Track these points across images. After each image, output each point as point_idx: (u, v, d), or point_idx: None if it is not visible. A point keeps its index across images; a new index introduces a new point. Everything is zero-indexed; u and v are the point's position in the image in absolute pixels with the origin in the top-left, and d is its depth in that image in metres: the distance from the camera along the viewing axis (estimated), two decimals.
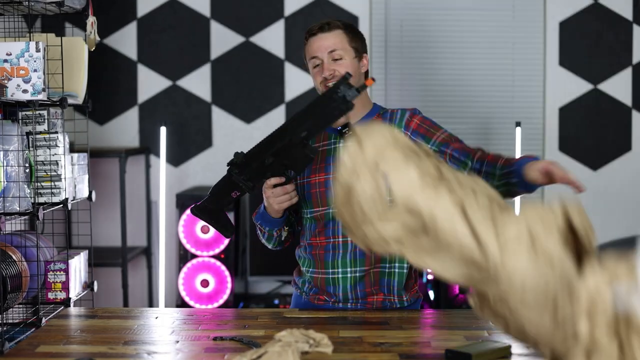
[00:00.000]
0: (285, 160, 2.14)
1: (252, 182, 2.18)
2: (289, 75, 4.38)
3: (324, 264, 2.30)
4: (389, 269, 2.29)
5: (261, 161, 2.15)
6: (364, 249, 1.69)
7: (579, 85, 4.38)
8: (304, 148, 2.12)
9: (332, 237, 2.28)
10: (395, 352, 1.82)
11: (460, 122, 4.42)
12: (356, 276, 2.27)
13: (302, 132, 2.10)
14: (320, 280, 2.31)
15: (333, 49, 2.29)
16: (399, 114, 2.33)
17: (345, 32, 2.32)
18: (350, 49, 2.31)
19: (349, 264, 2.27)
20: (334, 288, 2.29)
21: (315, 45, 2.31)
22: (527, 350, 1.85)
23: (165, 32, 4.38)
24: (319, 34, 2.31)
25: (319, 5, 4.36)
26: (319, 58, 2.30)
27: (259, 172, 2.17)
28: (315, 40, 2.31)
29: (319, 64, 2.31)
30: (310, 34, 2.33)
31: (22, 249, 2.84)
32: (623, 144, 4.39)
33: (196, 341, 1.93)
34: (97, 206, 4.22)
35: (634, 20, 4.34)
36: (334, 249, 2.28)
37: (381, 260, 2.27)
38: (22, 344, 1.93)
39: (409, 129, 2.29)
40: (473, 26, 4.39)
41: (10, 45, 2.66)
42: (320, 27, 2.32)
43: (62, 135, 2.87)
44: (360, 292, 2.28)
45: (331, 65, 2.29)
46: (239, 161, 2.17)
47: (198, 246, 3.97)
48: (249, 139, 4.40)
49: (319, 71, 2.31)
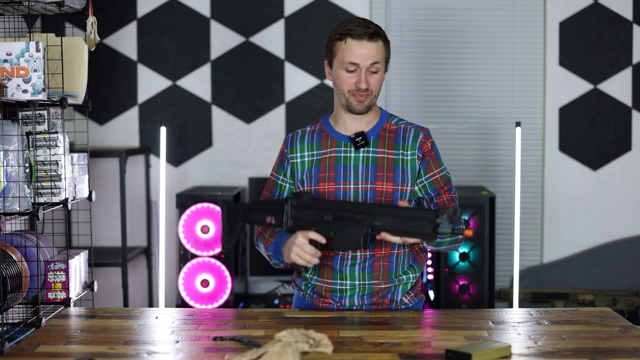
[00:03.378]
0: (337, 230, 2.10)
1: (293, 223, 2.14)
2: (289, 75, 4.38)
3: (331, 274, 2.28)
4: (398, 282, 2.28)
5: (320, 214, 2.11)
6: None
7: (579, 85, 4.37)
8: (361, 235, 2.07)
9: (341, 251, 2.24)
10: (395, 352, 1.82)
11: (460, 122, 4.42)
12: (364, 288, 2.27)
13: (375, 222, 2.05)
14: (326, 289, 2.30)
15: (375, 61, 2.22)
16: (412, 132, 2.29)
17: (384, 44, 2.26)
18: (384, 60, 2.27)
19: (358, 277, 2.26)
20: (340, 297, 2.29)
21: (358, 52, 2.20)
22: (527, 350, 1.85)
23: (165, 32, 4.38)
24: (365, 41, 2.20)
25: (319, 5, 4.36)
26: (358, 66, 2.22)
27: (310, 220, 2.12)
28: (358, 46, 2.20)
29: (354, 70, 2.22)
30: (353, 37, 2.21)
31: (22, 249, 2.84)
32: (623, 144, 4.39)
33: (196, 341, 1.93)
34: (97, 206, 4.23)
35: (634, 20, 4.34)
36: (342, 261, 2.27)
37: (389, 276, 2.27)
38: (22, 344, 1.93)
39: (421, 152, 2.27)
40: (473, 26, 4.39)
41: (10, 45, 2.66)
42: (369, 35, 2.21)
43: (62, 135, 2.87)
44: (367, 301, 2.28)
45: (368, 77, 2.22)
46: (303, 197, 2.14)
47: (198, 246, 3.97)
48: (248, 139, 4.40)
49: (352, 78, 2.23)
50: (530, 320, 2.14)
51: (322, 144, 2.31)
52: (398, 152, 2.27)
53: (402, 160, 2.26)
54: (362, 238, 2.07)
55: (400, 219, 2.02)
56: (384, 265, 2.26)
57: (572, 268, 4.38)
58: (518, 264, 3.88)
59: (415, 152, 2.27)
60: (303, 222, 2.14)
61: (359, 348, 1.86)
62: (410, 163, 2.26)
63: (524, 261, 4.37)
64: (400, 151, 2.27)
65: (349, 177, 2.26)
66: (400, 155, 2.27)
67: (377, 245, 2.24)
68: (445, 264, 3.96)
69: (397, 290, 2.29)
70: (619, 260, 4.35)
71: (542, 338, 1.96)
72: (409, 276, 2.29)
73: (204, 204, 3.96)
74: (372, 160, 2.26)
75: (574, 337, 1.97)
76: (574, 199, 4.39)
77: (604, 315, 2.18)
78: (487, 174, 4.43)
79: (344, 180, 2.26)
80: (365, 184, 2.24)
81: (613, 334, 1.99)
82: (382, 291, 2.27)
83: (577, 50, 4.37)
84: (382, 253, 2.25)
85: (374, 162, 2.26)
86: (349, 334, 1.98)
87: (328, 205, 2.13)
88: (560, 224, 4.39)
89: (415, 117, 4.26)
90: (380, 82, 2.26)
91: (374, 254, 2.25)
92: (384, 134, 2.29)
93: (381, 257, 2.25)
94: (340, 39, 2.23)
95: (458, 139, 4.41)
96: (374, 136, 2.28)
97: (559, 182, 4.39)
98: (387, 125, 2.31)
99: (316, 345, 1.82)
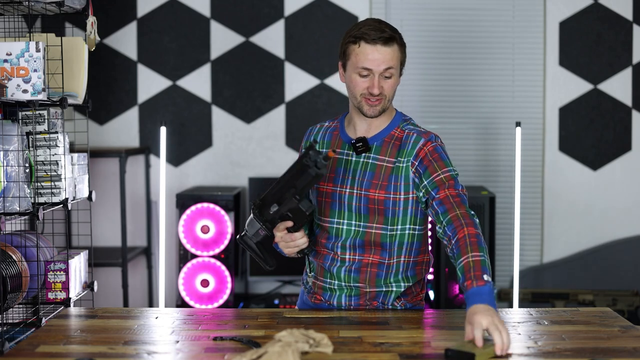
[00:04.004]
0: (287, 212, 2.15)
1: (270, 224, 2.19)
2: (289, 75, 4.38)
3: (323, 272, 2.30)
4: (385, 287, 2.27)
5: (268, 210, 2.16)
6: None
7: (579, 85, 4.38)
8: (298, 203, 2.11)
9: (332, 251, 2.27)
10: (395, 352, 1.82)
11: (460, 122, 4.43)
12: (351, 289, 2.28)
13: (290, 189, 2.11)
14: (318, 286, 2.32)
15: (389, 67, 2.18)
16: (413, 138, 2.23)
17: (400, 48, 2.21)
18: (399, 64, 2.23)
19: (344, 279, 2.27)
20: (330, 296, 2.30)
21: (372, 57, 2.15)
22: (527, 350, 1.85)
23: (165, 32, 4.38)
24: (379, 46, 2.16)
25: (319, 5, 4.36)
26: (371, 71, 2.17)
27: (273, 216, 2.17)
28: (372, 50, 2.16)
29: (367, 75, 2.18)
30: (367, 41, 2.16)
31: (22, 249, 2.84)
32: (623, 144, 4.39)
33: (196, 341, 1.93)
34: (97, 206, 4.23)
35: (634, 20, 4.34)
36: (332, 261, 2.28)
37: (376, 282, 2.26)
38: (22, 344, 1.93)
39: (417, 159, 2.21)
40: (473, 26, 4.39)
41: (10, 45, 2.66)
42: (384, 40, 2.16)
43: (62, 135, 2.87)
44: (355, 302, 2.29)
45: (381, 82, 2.18)
46: (256, 203, 2.19)
47: (198, 246, 3.97)
48: (248, 139, 4.40)
49: (365, 82, 2.19)
50: (530, 320, 2.14)
51: (331, 142, 2.32)
52: (398, 159, 2.23)
53: (398, 169, 2.22)
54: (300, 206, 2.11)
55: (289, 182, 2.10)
56: (372, 271, 2.25)
57: (572, 268, 4.38)
58: (518, 264, 3.87)
59: (410, 159, 2.21)
60: (270, 220, 2.18)
61: (359, 348, 1.86)
62: (404, 171, 2.21)
63: (524, 261, 4.37)
64: (399, 158, 2.22)
65: (346, 180, 2.25)
66: (398, 162, 2.22)
67: (367, 251, 2.24)
68: (445, 264, 3.96)
69: (389, 295, 2.27)
70: (619, 260, 4.35)
71: (542, 338, 1.96)
72: (400, 284, 2.27)
73: (203, 204, 3.96)
74: (370, 167, 2.24)
75: (574, 337, 1.97)
76: (574, 199, 4.39)
77: (604, 315, 2.18)
78: (487, 174, 4.43)
79: (341, 183, 2.26)
80: (359, 190, 2.23)
81: (613, 334, 1.99)
82: (370, 294, 2.27)
83: (577, 50, 4.37)
84: (370, 260, 2.24)
85: (372, 169, 2.23)
86: (349, 334, 1.98)
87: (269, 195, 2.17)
88: (560, 224, 4.39)
89: (415, 117, 4.24)
90: (394, 87, 2.22)
91: (362, 259, 2.25)
92: (389, 140, 2.25)
93: (369, 263, 2.25)
94: (354, 42, 2.18)
95: (458, 139, 4.41)
96: (377, 142, 2.25)
97: (559, 182, 4.39)
98: (396, 132, 2.26)
99: (316, 345, 1.82)
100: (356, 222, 2.24)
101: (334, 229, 2.26)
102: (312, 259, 2.33)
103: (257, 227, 2.21)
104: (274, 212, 2.16)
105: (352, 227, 2.24)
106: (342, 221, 2.25)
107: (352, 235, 2.24)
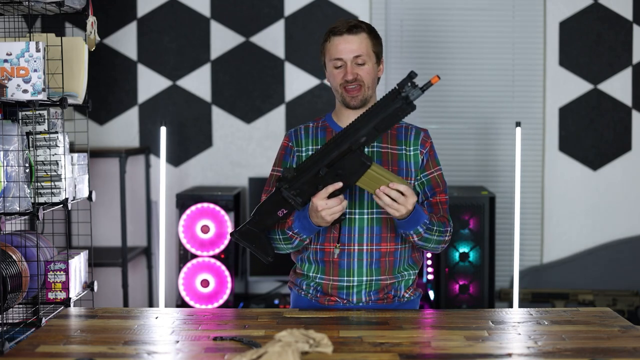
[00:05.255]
0: (339, 170, 2.08)
1: (301, 198, 2.12)
2: (289, 75, 4.38)
3: (337, 271, 2.30)
4: (400, 277, 2.33)
5: (313, 174, 2.10)
6: None
7: (579, 85, 4.37)
8: (360, 156, 2.07)
9: (347, 244, 2.28)
10: (395, 352, 1.82)
11: (460, 122, 4.42)
12: (371, 284, 2.29)
13: (361, 138, 2.06)
14: (332, 286, 2.31)
15: (358, 54, 2.28)
16: (413, 131, 2.36)
17: (369, 37, 2.31)
18: (372, 54, 2.31)
19: (365, 273, 2.29)
20: (347, 294, 2.30)
21: (341, 47, 2.28)
22: (527, 350, 1.85)
23: (165, 32, 4.38)
24: (346, 35, 2.28)
25: (319, 5, 4.36)
26: (342, 60, 2.28)
27: (310, 186, 2.11)
28: (340, 41, 2.28)
29: (341, 66, 2.29)
30: (335, 34, 2.29)
31: (22, 249, 2.84)
32: (623, 144, 4.39)
33: (196, 341, 1.93)
34: (97, 206, 4.23)
35: (634, 20, 4.34)
36: (349, 257, 2.28)
37: (393, 271, 2.31)
38: (22, 344, 1.93)
39: (425, 148, 2.34)
40: (473, 26, 4.39)
41: (10, 45, 2.66)
42: (347, 29, 2.28)
43: (62, 135, 2.87)
44: (374, 297, 2.31)
45: (354, 69, 2.28)
46: (289, 175, 2.11)
47: (198, 246, 3.97)
48: (248, 139, 4.40)
49: (340, 73, 2.30)
50: (530, 320, 2.14)
51: (326, 138, 2.34)
52: (401, 147, 2.33)
53: (405, 155, 2.32)
54: (361, 158, 2.07)
55: (375, 118, 2.06)
56: (390, 260, 2.29)
57: (572, 268, 4.38)
58: (518, 264, 3.88)
59: (418, 147, 2.33)
60: (306, 190, 2.12)
61: (359, 348, 1.86)
62: (414, 158, 2.32)
63: (524, 261, 4.37)
64: (402, 147, 2.33)
65: None
66: (404, 150, 2.33)
67: (383, 240, 2.28)
68: (445, 264, 3.96)
69: (400, 286, 2.33)
70: (619, 260, 4.35)
71: (542, 338, 1.96)
72: (409, 272, 2.34)
73: (204, 204, 3.96)
74: (376, 154, 2.31)
75: (574, 337, 1.97)
76: (574, 199, 4.39)
77: (604, 315, 2.18)
78: (487, 174, 4.43)
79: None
80: None
81: (613, 334, 1.99)
82: (387, 287, 2.31)
83: (577, 50, 4.37)
84: (388, 248, 2.29)
85: (379, 156, 2.31)
86: (349, 334, 1.98)
87: (313, 162, 2.11)
88: (560, 224, 4.39)
89: (415, 117, 4.26)
90: (372, 75, 2.30)
91: (380, 249, 2.28)
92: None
93: (387, 252, 2.28)
94: (326, 40, 2.33)
95: (458, 139, 4.41)
96: None
97: (559, 182, 4.39)
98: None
99: (316, 345, 1.82)
100: (369, 210, 2.27)
101: (347, 220, 2.27)
102: (321, 260, 2.32)
103: (278, 207, 2.14)
104: (320, 177, 2.08)
105: (364, 215, 2.27)
106: (354, 210, 2.27)
107: (367, 223, 2.26)
